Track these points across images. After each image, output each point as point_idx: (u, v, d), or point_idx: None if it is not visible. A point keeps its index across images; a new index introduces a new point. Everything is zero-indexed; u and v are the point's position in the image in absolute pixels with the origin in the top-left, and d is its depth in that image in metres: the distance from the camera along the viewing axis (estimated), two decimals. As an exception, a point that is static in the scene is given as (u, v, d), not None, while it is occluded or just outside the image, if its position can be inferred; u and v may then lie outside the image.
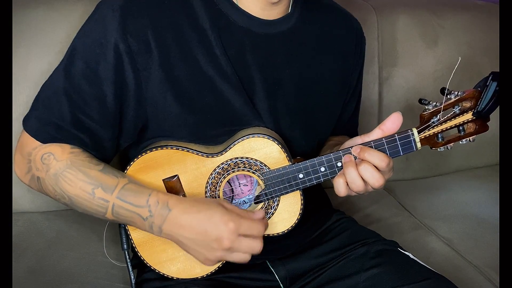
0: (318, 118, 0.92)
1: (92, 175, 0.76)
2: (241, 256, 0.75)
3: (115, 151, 0.84)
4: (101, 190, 0.76)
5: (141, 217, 0.75)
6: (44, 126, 0.77)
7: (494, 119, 0.80)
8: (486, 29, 1.57)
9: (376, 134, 0.80)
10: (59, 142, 0.77)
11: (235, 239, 0.73)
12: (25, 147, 0.79)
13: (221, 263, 0.84)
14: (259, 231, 0.75)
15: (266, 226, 0.77)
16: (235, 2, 0.82)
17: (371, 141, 0.80)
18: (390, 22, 1.48)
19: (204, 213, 0.74)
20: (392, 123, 0.79)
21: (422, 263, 0.89)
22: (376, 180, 0.77)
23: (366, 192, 0.81)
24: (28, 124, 0.79)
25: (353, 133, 1.11)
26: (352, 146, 0.80)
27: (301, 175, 0.81)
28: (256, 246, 0.75)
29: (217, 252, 0.74)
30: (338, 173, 0.80)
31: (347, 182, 0.79)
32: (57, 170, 0.76)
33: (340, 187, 0.80)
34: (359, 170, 0.78)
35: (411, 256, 0.91)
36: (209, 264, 0.76)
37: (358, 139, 0.81)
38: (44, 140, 0.77)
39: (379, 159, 0.77)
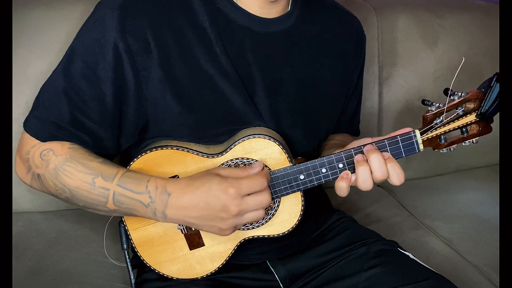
0: (319, 117, 0.92)
1: (92, 166, 0.76)
2: (253, 215, 0.75)
3: (116, 151, 0.84)
4: (101, 179, 0.75)
5: (143, 204, 0.75)
6: (44, 126, 0.77)
7: (494, 119, 0.80)
8: (486, 29, 1.57)
9: None
10: (59, 140, 0.77)
11: (240, 202, 0.72)
12: (24, 147, 0.79)
13: (230, 253, 0.85)
14: (261, 184, 0.74)
15: (267, 176, 0.76)
16: (235, 1, 0.82)
17: (373, 142, 0.79)
18: (390, 22, 1.48)
19: (201, 189, 0.73)
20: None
21: (422, 263, 0.89)
22: (383, 171, 0.77)
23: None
24: (28, 124, 0.79)
25: (355, 131, 1.11)
26: (365, 145, 0.79)
27: (302, 176, 0.81)
28: (264, 199, 0.74)
29: (228, 220, 0.73)
30: (340, 177, 0.80)
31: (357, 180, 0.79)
32: (56, 165, 0.76)
33: (342, 190, 0.80)
34: (369, 159, 0.77)
35: (411, 256, 0.91)
36: (227, 233, 0.76)
37: (368, 140, 0.81)
38: (43, 139, 0.77)
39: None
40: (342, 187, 0.79)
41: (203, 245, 0.85)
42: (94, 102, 0.77)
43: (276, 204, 0.84)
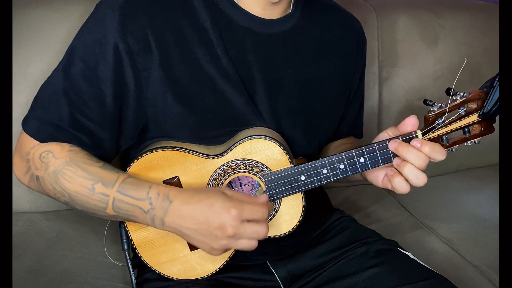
0: (320, 118, 0.92)
1: (92, 171, 0.76)
2: (247, 243, 0.73)
3: (115, 152, 0.84)
4: (101, 185, 0.75)
5: (143, 210, 0.75)
6: (43, 126, 0.77)
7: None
8: (486, 29, 1.57)
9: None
10: (58, 141, 0.77)
11: (238, 225, 0.71)
12: (24, 147, 0.78)
13: (230, 253, 0.84)
14: (262, 215, 0.73)
15: (270, 209, 0.76)
16: (236, 2, 0.82)
17: (374, 143, 0.79)
18: (390, 22, 1.48)
19: (204, 202, 0.72)
20: (407, 126, 0.79)
21: (422, 263, 0.89)
22: (422, 161, 0.76)
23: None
24: (27, 124, 0.78)
25: (359, 134, 1.10)
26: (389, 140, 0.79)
27: (303, 177, 0.81)
28: (261, 230, 0.73)
29: (221, 240, 0.72)
30: (390, 176, 0.79)
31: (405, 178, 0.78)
32: (56, 168, 0.76)
33: (402, 185, 0.78)
34: (405, 156, 0.77)
35: (411, 256, 0.91)
36: (215, 253, 0.75)
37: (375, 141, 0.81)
38: (43, 140, 0.77)
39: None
40: (400, 182, 0.78)
41: (204, 245, 0.85)
42: (94, 103, 0.77)
43: (277, 205, 0.84)
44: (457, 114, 0.78)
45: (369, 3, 1.52)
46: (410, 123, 0.78)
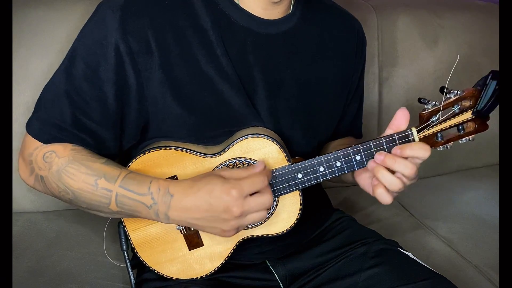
0: (319, 118, 0.92)
1: (95, 167, 0.76)
2: (256, 216, 0.74)
3: (118, 151, 0.84)
4: (104, 180, 0.75)
5: (145, 206, 0.75)
6: (46, 127, 0.77)
7: (494, 119, 0.80)
8: (486, 29, 1.57)
9: (388, 133, 0.80)
10: (61, 142, 0.77)
11: (242, 203, 0.72)
12: (27, 149, 0.79)
13: (229, 252, 0.85)
14: (262, 183, 0.74)
15: (268, 175, 0.76)
16: (237, 2, 0.82)
17: (370, 140, 0.80)
18: (390, 22, 1.48)
19: (204, 190, 0.73)
20: (401, 119, 0.79)
21: (422, 263, 0.89)
22: (410, 169, 0.77)
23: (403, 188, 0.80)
24: (30, 126, 0.79)
25: (358, 134, 1.10)
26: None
27: (300, 175, 0.81)
28: (266, 199, 0.74)
29: (230, 222, 0.73)
30: (374, 185, 0.80)
31: (385, 187, 0.78)
32: (59, 166, 0.76)
33: (383, 196, 0.79)
34: (394, 167, 0.77)
35: (411, 256, 0.91)
36: (229, 235, 0.75)
37: None
38: (45, 141, 0.77)
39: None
40: (381, 193, 0.79)
41: (202, 245, 0.85)
42: (96, 103, 0.77)
43: (275, 203, 0.84)
44: (451, 112, 0.79)
45: (369, 3, 1.52)
46: (399, 116, 0.79)
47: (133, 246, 0.84)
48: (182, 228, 0.83)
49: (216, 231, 0.75)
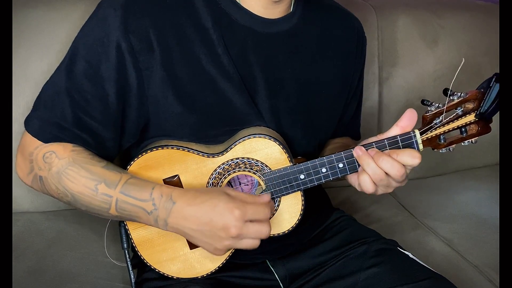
0: (320, 117, 0.92)
1: (95, 171, 0.76)
2: (250, 243, 0.74)
3: (117, 151, 0.84)
4: (104, 185, 0.75)
5: (146, 211, 0.75)
6: (46, 126, 0.77)
7: (494, 119, 0.79)
8: (486, 29, 1.57)
9: (394, 131, 0.79)
10: (61, 141, 0.77)
11: (242, 225, 0.72)
12: (27, 148, 0.78)
13: (230, 252, 0.84)
14: (265, 215, 0.74)
15: (271, 208, 0.76)
16: (237, 1, 0.82)
17: (373, 142, 0.80)
18: (390, 22, 1.48)
19: (208, 203, 0.73)
20: (408, 120, 0.78)
21: (422, 263, 0.89)
22: (397, 170, 0.76)
23: (391, 187, 0.80)
24: (30, 124, 0.78)
25: (356, 134, 1.11)
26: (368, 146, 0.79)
27: (302, 176, 0.81)
28: (264, 230, 0.74)
29: (225, 241, 0.73)
30: (359, 171, 0.80)
31: (370, 176, 0.78)
32: (59, 168, 0.76)
33: (366, 183, 0.79)
34: (378, 163, 0.77)
35: (411, 256, 0.91)
36: (219, 253, 0.75)
37: (374, 139, 0.81)
38: (46, 140, 0.77)
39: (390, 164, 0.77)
40: (365, 180, 0.79)
41: (203, 244, 0.85)
42: (97, 102, 0.77)
43: (276, 204, 0.84)
44: (454, 114, 0.78)
45: (369, 3, 1.52)
46: (407, 116, 0.78)
47: (134, 244, 0.84)
48: (183, 228, 0.83)
49: (208, 247, 0.75)
